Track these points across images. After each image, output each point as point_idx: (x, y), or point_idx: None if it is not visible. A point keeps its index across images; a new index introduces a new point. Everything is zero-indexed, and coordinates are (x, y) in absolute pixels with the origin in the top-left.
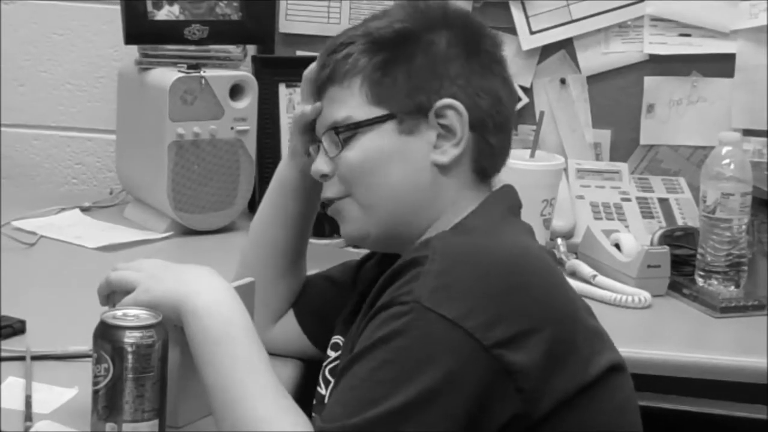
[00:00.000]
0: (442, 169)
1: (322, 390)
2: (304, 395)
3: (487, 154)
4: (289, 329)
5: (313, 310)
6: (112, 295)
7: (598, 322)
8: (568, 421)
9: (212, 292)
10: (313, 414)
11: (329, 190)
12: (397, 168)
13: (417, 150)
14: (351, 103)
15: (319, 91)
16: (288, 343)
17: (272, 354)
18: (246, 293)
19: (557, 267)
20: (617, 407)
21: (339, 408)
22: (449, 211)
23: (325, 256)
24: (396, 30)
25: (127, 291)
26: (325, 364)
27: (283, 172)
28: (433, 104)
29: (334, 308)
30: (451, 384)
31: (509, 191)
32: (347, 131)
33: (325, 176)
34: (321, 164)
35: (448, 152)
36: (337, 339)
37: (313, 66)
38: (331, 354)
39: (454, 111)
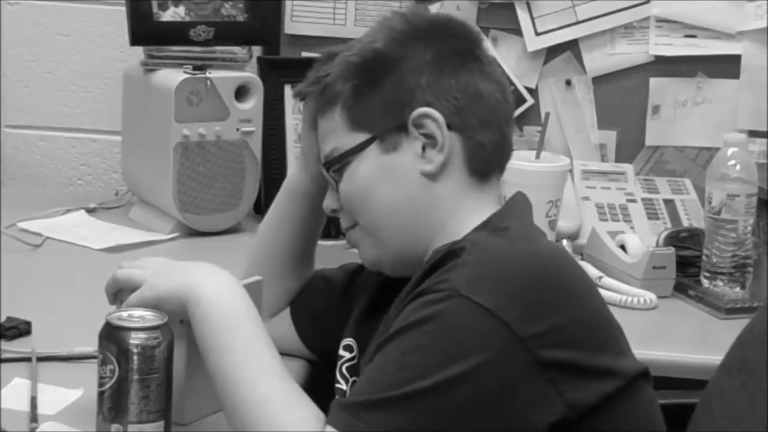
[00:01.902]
0: (433, 177)
1: (342, 386)
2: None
3: (478, 153)
4: (284, 327)
5: (309, 309)
6: (119, 293)
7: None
8: (600, 421)
9: (214, 283)
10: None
11: (342, 222)
12: (388, 187)
13: (404, 165)
14: (336, 132)
15: (311, 113)
16: (280, 340)
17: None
18: (253, 291)
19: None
20: (645, 411)
21: (366, 385)
22: (453, 217)
23: (331, 256)
24: (364, 54)
25: (133, 289)
26: (340, 363)
27: (292, 175)
28: (408, 117)
29: (330, 309)
30: (483, 373)
31: (525, 198)
32: (336, 164)
33: (335, 211)
34: (330, 200)
35: (434, 159)
36: (349, 341)
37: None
38: (345, 354)
39: (430, 118)
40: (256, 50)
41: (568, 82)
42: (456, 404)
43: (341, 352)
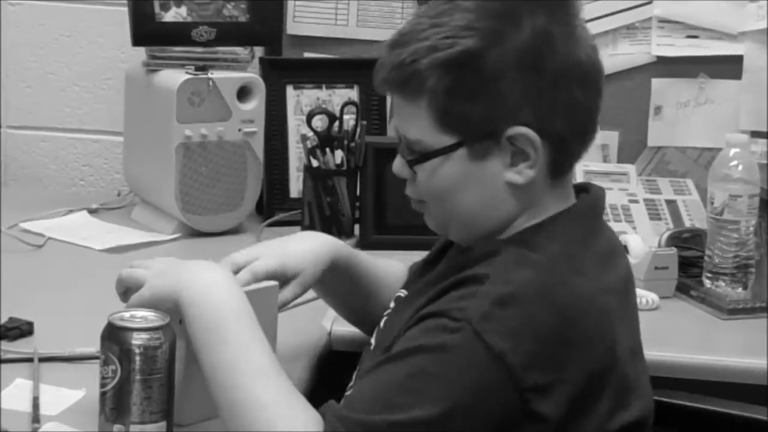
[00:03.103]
0: (517, 186)
1: (380, 326)
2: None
3: (564, 161)
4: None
5: None
6: (128, 291)
7: (641, 366)
8: None
9: (205, 282)
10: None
11: (409, 189)
12: (471, 192)
13: (490, 173)
14: (420, 123)
15: (386, 87)
16: None
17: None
18: (266, 296)
19: (615, 307)
20: None
21: (365, 401)
22: (528, 212)
23: None
24: (461, 50)
25: (137, 288)
26: (386, 313)
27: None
28: (502, 132)
29: None
30: (475, 411)
31: (595, 198)
32: (421, 160)
33: (405, 178)
34: (401, 167)
35: (524, 173)
36: (401, 292)
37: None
38: (392, 305)
39: (526, 138)
40: (258, 51)
41: None
42: None
43: (390, 303)
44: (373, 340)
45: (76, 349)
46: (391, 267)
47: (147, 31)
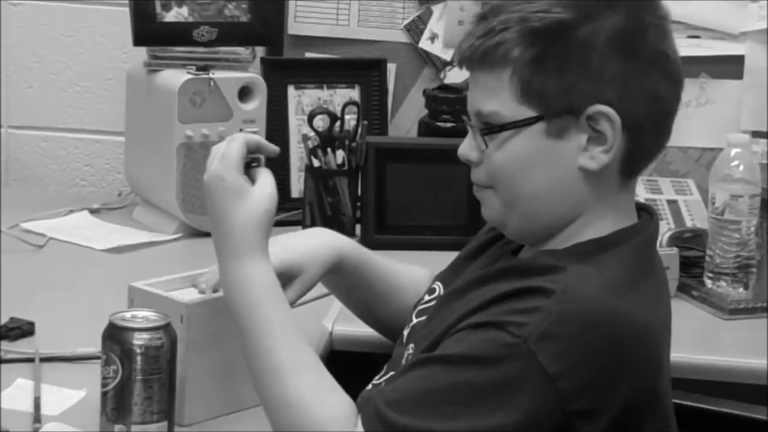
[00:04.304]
0: (589, 172)
1: (413, 320)
2: None
3: (638, 156)
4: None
5: None
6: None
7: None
8: None
9: (244, 271)
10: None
11: (475, 175)
12: (543, 171)
13: (564, 153)
14: (499, 95)
15: (466, 66)
16: None
17: None
18: None
19: (664, 339)
20: None
21: (408, 404)
22: (590, 211)
23: None
24: (553, 21)
25: None
26: (416, 303)
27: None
28: (584, 109)
29: None
30: (519, 429)
31: (656, 224)
32: (496, 131)
33: (471, 162)
34: (468, 150)
35: (597, 158)
36: (436, 284)
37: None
38: (426, 297)
39: (607, 118)
40: (260, 51)
41: None
42: None
43: (425, 296)
44: (406, 333)
45: (78, 349)
46: (413, 271)
47: (148, 31)
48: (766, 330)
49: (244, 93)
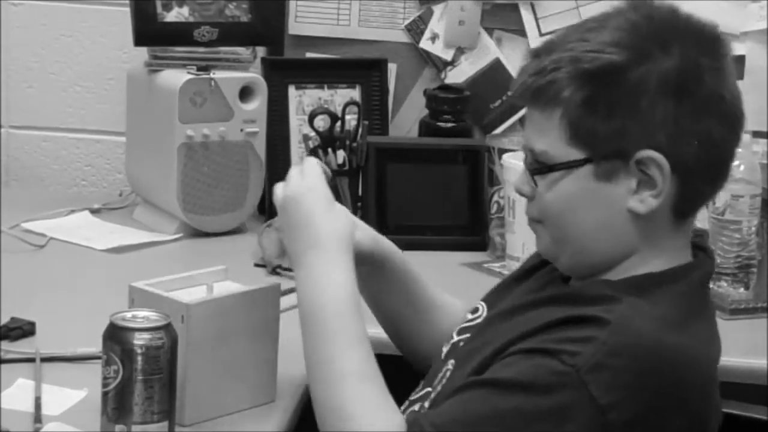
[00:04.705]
0: (639, 215)
1: (454, 338)
2: None
3: (690, 199)
4: None
5: None
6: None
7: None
8: None
9: (315, 272)
10: (447, 358)
11: (528, 209)
12: (591, 212)
13: (613, 196)
14: (550, 134)
15: (519, 102)
16: None
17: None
18: (267, 296)
19: (715, 377)
20: None
21: (455, 426)
22: (644, 250)
23: None
24: (604, 62)
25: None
26: (464, 322)
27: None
28: (633, 153)
29: None
30: None
31: (712, 263)
32: (545, 172)
33: (525, 195)
34: (522, 184)
35: (647, 201)
36: (480, 304)
37: None
38: (469, 316)
39: (656, 163)
40: (260, 51)
41: None
42: None
43: (467, 315)
44: (445, 350)
45: (78, 349)
46: (451, 299)
47: (149, 31)
48: (766, 330)
49: (245, 93)
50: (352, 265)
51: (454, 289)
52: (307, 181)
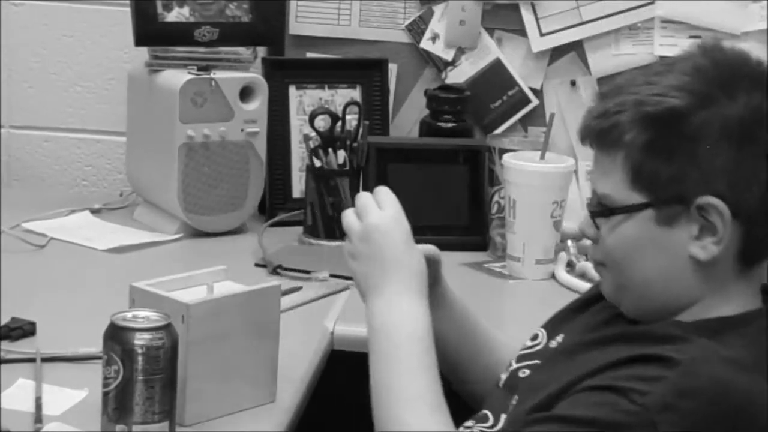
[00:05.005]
0: (701, 262)
1: (513, 365)
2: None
3: (754, 245)
4: None
5: None
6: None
7: None
8: None
9: (386, 304)
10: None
11: (592, 251)
12: (653, 259)
13: (675, 242)
14: (613, 177)
15: (586, 143)
16: None
17: None
18: (267, 296)
19: None
20: None
21: None
22: (709, 296)
23: (336, 257)
24: (666, 107)
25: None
26: (520, 350)
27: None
28: (694, 199)
29: None
30: None
31: None
32: (607, 215)
33: (589, 238)
34: (588, 226)
35: (708, 248)
36: (540, 331)
37: None
38: (528, 343)
39: (717, 210)
40: (261, 51)
41: (573, 83)
42: None
43: (527, 342)
44: (504, 377)
45: (79, 349)
46: (504, 337)
47: (150, 31)
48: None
49: (246, 93)
50: (427, 302)
51: (454, 288)
52: (391, 212)
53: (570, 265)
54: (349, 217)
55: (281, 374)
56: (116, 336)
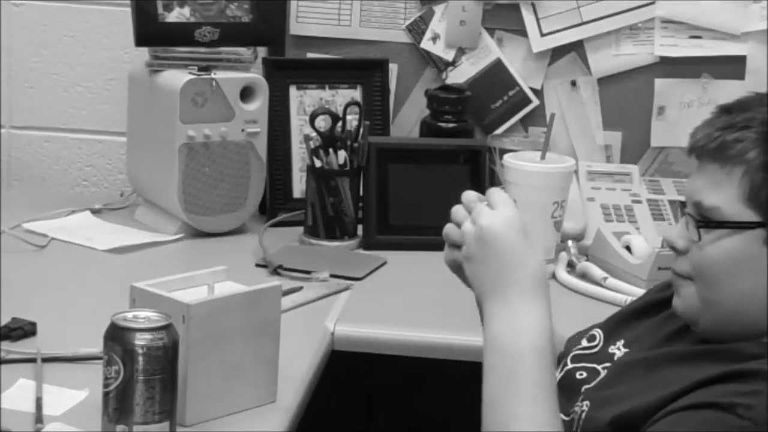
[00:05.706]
0: None
1: (569, 365)
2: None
3: None
4: None
5: None
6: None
7: None
8: None
9: (508, 316)
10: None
11: (678, 264)
12: (752, 277)
13: None
14: (725, 191)
15: (696, 154)
16: None
17: None
18: (268, 296)
19: None
20: None
21: None
22: None
23: (337, 257)
24: None
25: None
26: (575, 349)
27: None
28: None
29: None
30: None
31: None
32: (714, 228)
33: (676, 250)
34: (676, 237)
35: None
36: (596, 332)
37: None
38: (584, 343)
39: None
40: (262, 51)
41: (574, 83)
42: None
43: (583, 341)
44: (558, 377)
45: (79, 349)
46: None
47: (150, 31)
48: None
49: (246, 93)
50: (548, 303)
51: (454, 288)
52: (507, 213)
53: (570, 266)
54: (460, 217)
55: (282, 374)
56: (117, 336)
